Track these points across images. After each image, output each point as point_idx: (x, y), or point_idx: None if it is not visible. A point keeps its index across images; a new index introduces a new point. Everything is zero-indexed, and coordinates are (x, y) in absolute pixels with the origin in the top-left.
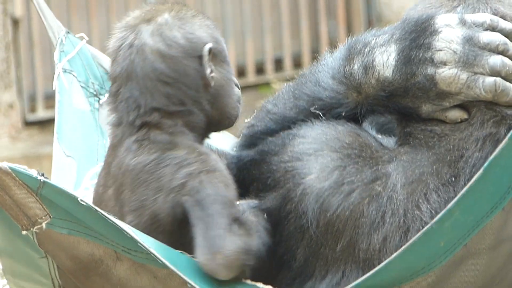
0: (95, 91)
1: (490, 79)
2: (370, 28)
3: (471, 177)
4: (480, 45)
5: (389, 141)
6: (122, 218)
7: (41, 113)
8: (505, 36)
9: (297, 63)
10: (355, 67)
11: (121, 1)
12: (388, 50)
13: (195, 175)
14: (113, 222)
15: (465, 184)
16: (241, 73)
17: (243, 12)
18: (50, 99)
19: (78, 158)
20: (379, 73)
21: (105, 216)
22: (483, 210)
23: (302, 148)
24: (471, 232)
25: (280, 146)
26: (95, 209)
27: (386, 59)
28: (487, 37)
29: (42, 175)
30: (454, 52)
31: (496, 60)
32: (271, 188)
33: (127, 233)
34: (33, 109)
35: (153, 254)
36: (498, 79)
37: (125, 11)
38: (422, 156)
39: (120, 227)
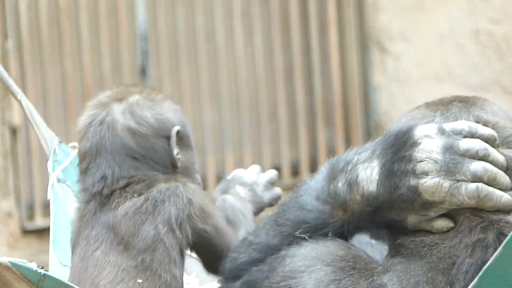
0: None
1: (472, 185)
2: (369, 138)
3: (465, 283)
4: (460, 152)
5: (377, 255)
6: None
7: (39, 221)
8: (485, 142)
9: (295, 172)
10: (339, 185)
11: None
12: (371, 166)
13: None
14: None
15: None
16: None
17: (241, 121)
18: (48, 207)
19: None
20: (363, 188)
21: None
22: None
23: (293, 266)
24: None
25: (269, 270)
26: None
27: (369, 174)
28: (466, 144)
29: (42, 268)
30: (435, 161)
31: (477, 166)
32: None
33: None
34: (31, 217)
35: None
36: (480, 184)
37: None
38: (415, 265)
39: None
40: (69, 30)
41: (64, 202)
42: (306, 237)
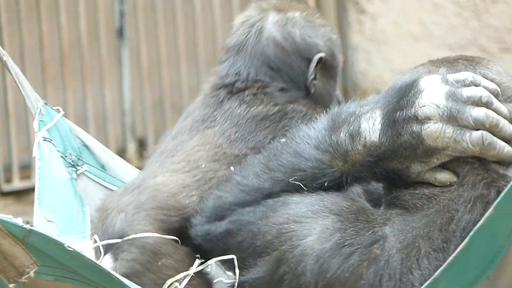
0: (72, 161)
1: (477, 133)
2: (347, 97)
3: (462, 240)
4: (463, 99)
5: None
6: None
7: (17, 184)
8: None
9: None
10: (341, 135)
11: (96, 74)
12: (373, 116)
13: None
14: (100, 266)
15: (455, 250)
16: None
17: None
18: (25, 169)
19: (58, 223)
20: (365, 138)
21: (93, 262)
22: (468, 279)
23: (299, 211)
24: None
25: (267, 211)
26: (82, 255)
27: (372, 125)
28: (469, 91)
29: (28, 223)
30: (437, 106)
31: (479, 112)
32: (258, 253)
33: (115, 277)
34: (8, 180)
35: None
36: (485, 133)
37: (100, 80)
38: (413, 218)
39: (107, 271)
40: None
41: (50, 159)
42: (301, 185)
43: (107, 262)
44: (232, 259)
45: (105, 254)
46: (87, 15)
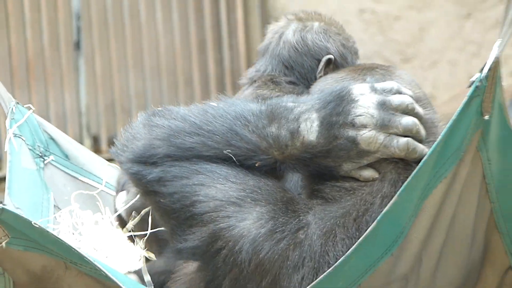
0: (40, 153)
1: (403, 140)
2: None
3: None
4: (392, 107)
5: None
6: None
7: None
8: None
9: None
10: (282, 131)
11: (57, 80)
12: (310, 118)
13: None
14: (62, 241)
15: None
16: None
17: (161, 88)
18: None
19: (25, 210)
20: (304, 137)
21: (55, 236)
22: (375, 256)
23: (239, 194)
24: (364, 274)
25: (204, 179)
26: (46, 230)
27: (309, 126)
28: (397, 99)
29: (1, 203)
30: (372, 116)
31: (408, 120)
32: (194, 219)
33: (74, 249)
34: None
35: (97, 267)
36: (410, 140)
37: (61, 85)
38: (332, 208)
39: (68, 245)
40: (14, 9)
41: (19, 153)
42: (234, 158)
43: (122, 196)
44: (148, 214)
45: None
46: (49, 29)
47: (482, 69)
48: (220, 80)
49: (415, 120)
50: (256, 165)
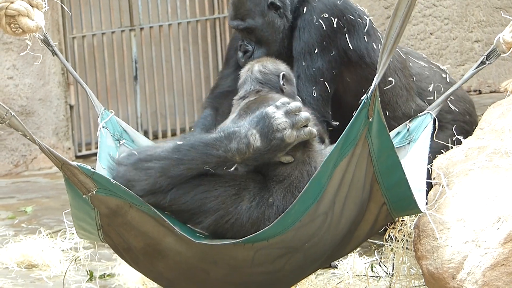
0: (117, 138)
1: (307, 128)
2: None
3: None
4: (293, 112)
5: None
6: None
7: (84, 152)
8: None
9: None
10: (241, 145)
11: (123, 95)
12: (253, 133)
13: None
14: (128, 190)
15: None
16: None
17: (184, 104)
18: (88, 146)
19: (107, 170)
20: (253, 146)
21: (123, 187)
22: (308, 202)
23: (232, 191)
24: (303, 214)
25: (205, 187)
26: (119, 184)
27: (255, 138)
28: (293, 106)
29: (93, 168)
30: (286, 121)
31: (305, 115)
32: (205, 211)
33: (134, 195)
34: (80, 150)
35: (149, 207)
36: (309, 127)
37: (126, 101)
38: (279, 187)
39: (131, 193)
40: (98, 55)
41: (105, 137)
42: (211, 170)
43: None
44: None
45: None
46: (119, 68)
47: (367, 92)
48: None
49: (307, 113)
50: (224, 168)
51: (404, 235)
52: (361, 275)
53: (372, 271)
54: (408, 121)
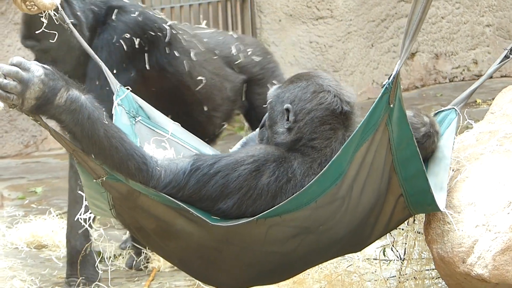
0: (133, 115)
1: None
2: None
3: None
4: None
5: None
6: None
7: None
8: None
9: None
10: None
11: None
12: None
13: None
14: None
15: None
16: None
17: None
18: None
19: None
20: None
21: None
22: (326, 185)
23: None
24: (320, 195)
25: (225, 173)
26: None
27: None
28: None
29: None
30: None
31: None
32: (227, 193)
33: (145, 186)
34: None
35: (156, 193)
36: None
37: None
38: (306, 158)
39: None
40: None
41: (121, 115)
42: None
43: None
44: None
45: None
46: None
47: (389, 77)
48: None
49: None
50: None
51: (415, 220)
52: (371, 259)
53: (384, 255)
54: (432, 114)
